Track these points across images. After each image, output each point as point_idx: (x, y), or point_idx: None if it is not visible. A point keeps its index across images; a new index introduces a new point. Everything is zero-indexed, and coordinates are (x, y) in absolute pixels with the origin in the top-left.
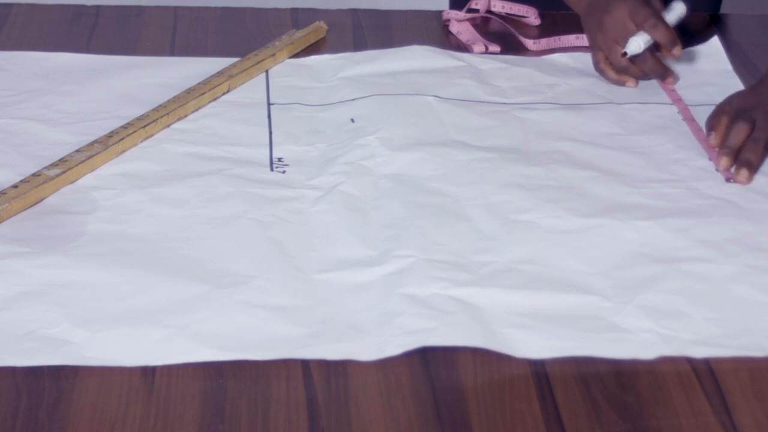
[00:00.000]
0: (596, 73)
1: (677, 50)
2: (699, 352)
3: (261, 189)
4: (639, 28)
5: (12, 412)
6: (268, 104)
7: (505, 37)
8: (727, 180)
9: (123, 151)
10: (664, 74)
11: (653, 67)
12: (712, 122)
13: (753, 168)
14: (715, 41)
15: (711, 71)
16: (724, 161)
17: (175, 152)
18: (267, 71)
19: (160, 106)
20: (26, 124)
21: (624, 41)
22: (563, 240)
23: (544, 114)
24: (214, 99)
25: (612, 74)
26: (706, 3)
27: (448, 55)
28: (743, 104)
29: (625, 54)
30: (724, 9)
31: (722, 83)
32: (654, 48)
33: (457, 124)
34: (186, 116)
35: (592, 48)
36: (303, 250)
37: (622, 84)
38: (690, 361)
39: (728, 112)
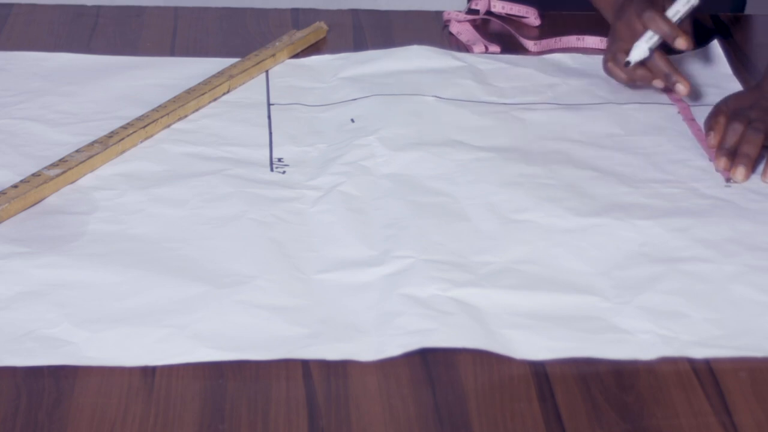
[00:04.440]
0: (596, 73)
1: (681, 42)
2: (699, 353)
3: (261, 189)
4: (642, 25)
5: (12, 412)
6: (268, 104)
7: (505, 38)
8: (727, 181)
9: (123, 152)
10: (670, 77)
11: (659, 68)
12: (710, 122)
13: (751, 162)
14: (714, 44)
15: (710, 73)
16: (723, 161)
17: (175, 152)
18: (267, 71)
19: (160, 106)
20: (26, 124)
21: (631, 43)
22: (563, 240)
23: (544, 114)
24: (215, 99)
25: (621, 75)
26: (730, 3)
27: (448, 55)
28: (740, 104)
29: (628, 63)
30: (750, 8)
31: (722, 85)
32: (662, 48)
33: (457, 124)
34: (186, 116)
35: (605, 51)
36: (303, 250)
37: (633, 85)
38: (690, 362)
39: (725, 112)
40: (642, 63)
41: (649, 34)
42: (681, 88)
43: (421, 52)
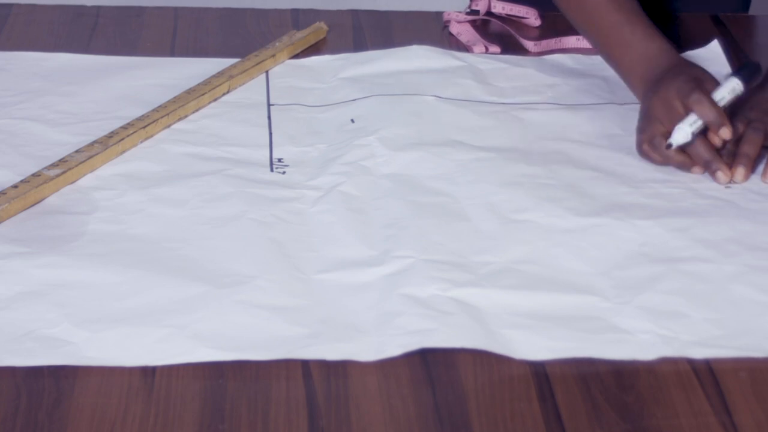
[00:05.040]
0: (596, 74)
1: (725, 132)
2: (699, 353)
3: (261, 189)
4: (685, 108)
5: (12, 412)
6: (268, 105)
7: (505, 39)
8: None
9: (123, 152)
10: (711, 165)
11: (700, 155)
12: None
13: (750, 162)
14: (714, 45)
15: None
16: (742, 171)
17: (175, 152)
18: (267, 72)
19: (160, 106)
20: (26, 124)
21: (670, 125)
22: (563, 240)
23: (544, 114)
24: (215, 99)
25: (658, 159)
26: (734, 2)
27: (448, 55)
28: (740, 105)
29: (670, 146)
30: (754, 8)
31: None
32: (704, 132)
33: (457, 123)
34: (186, 117)
35: (637, 129)
36: (303, 251)
37: (671, 165)
38: (690, 362)
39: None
40: (682, 147)
41: (693, 117)
42: (721, 176)
43: (420, 52)
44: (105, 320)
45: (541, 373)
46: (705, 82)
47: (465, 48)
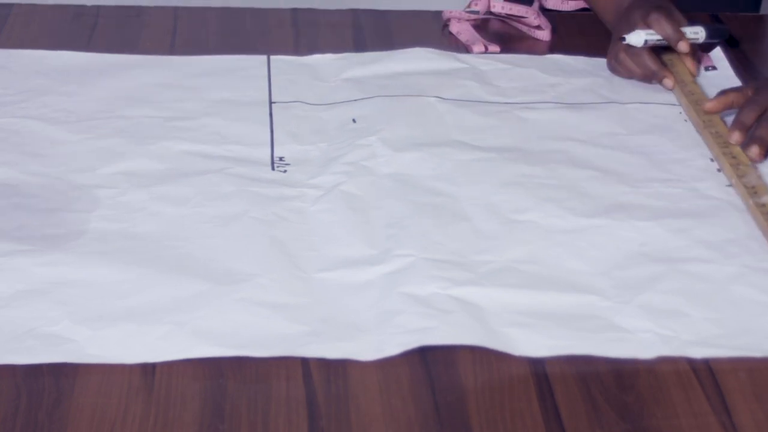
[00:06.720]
0: (599, 73)
1: (683, 45)
2: (698, 353)
3: (262, 188)
4: (646, 26)
5: (12, 412)
6: (270, 102)
7: (505, 38)
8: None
9: None
10: (658, 73)
11: (646, 64)
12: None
13: (765, 144)
14: (717, 51)
15: (714, 75)
16: (736, 135)
17: (176, 150)
18: (269, 68)
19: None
20: (27, 122)
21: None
22: (563, 239)
23: (546, 113)
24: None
25: (623, 72)
26: (745, 2)
27: (449, 57)
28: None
29: (623, 39)
30: (765, 8)
31: (726, 85)
32: (658, 49)
33: (458, 124)
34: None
35: (608, 52)
36: (304, 249)
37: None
38: (690, 361)
39: (740, 91)
40: (635, 59)
41: (650, 30)
42: (668, 82)
43: (422, 53)
44: (106, 318)
45: (540, 373)
46: (669, 9)
47: (464, 47)
